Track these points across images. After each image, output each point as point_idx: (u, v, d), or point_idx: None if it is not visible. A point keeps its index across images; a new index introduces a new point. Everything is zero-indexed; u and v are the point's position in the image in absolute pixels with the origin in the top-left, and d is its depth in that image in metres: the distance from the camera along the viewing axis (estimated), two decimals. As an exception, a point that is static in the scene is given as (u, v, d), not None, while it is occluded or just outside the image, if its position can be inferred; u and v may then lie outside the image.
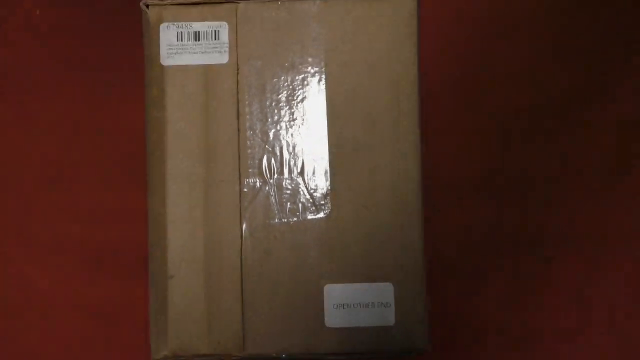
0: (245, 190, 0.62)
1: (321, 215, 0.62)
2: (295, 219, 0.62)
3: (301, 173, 0.62)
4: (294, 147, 0.62)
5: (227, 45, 0.63)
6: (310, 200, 0.62)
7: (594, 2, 0.94)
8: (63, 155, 0.92)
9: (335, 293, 0.62)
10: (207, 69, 0.63)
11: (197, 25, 0.63)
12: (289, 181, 0.62)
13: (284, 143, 0.62)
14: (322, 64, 0.63)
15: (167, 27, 0.63)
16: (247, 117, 0.63)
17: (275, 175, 0.62)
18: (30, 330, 0.90)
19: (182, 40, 0.63)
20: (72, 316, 0.89)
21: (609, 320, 0.89)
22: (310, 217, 0.62)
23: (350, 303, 0.62)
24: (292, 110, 0.63)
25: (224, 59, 0.63)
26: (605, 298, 0.89)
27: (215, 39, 0.63)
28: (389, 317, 0.62)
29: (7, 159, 0.92)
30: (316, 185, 0.62)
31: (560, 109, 0.92)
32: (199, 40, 0.63)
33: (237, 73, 0.63)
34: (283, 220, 0.62)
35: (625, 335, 0.89)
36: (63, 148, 0.92)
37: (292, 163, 0.62)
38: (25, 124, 0.93)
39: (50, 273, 0.90)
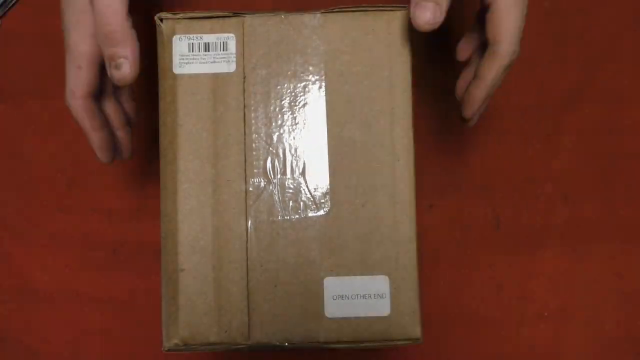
0: (251, 189, 0.64)
1: (321, 212, 0.64)
2: (297, 216, 0.64)
3: (303, 173, 0.64)
4: (296, 149, 0.64)
5: (235, 55, 0.65)
6: (311, 199, 0.64)
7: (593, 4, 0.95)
8: (84, 157, 0.93)
9: (334, 285, 0.64)
10: (216, 77, 0.65)
11: (207, 37, 0.65)
12: (291, 181, 0.64)
13: (286, 145, 0.65)
14: (322, 72, 0.65)
15: (179, 39, 0.65)
16: (253, 121, 0.65)
17: (279, 176, 0.64)
18: (49, 321, 0.91)
19: (193, 50, 0.65)
20: (88, 307, 0.91)
21: (589, 308, 0.91)
22: (311, 214, 0.64)
23: (348, 295, 0.64)
24: (295, 115, 0.65)
25: (231, 68, 0.65)
26: (585, 288, 0.91)
27: (223, 50, 0.65)
28: (385, 308, 0.64)
29: (32, 160, 0.94)
30: (317, 185, 0.64)
31: (560, 109, 0.93)
32: (208, 50, 0.65)
33: (244, 81, 0.65)
34: (286, 217, 0.64)
35: (601, 320, 0.91)
36: (85, 151, 0.90)
37: (294, 164, 0.64)
38: (50, 129, 0.94)
39: (70, 267, 0.92)
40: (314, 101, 0.65)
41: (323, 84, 0.65)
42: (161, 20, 0.66)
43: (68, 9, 0.68)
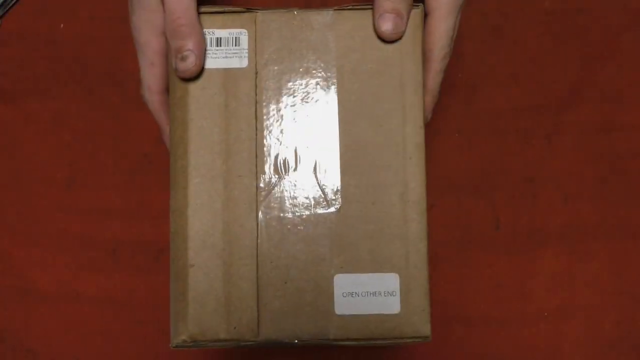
0: (262, 185, 0.64)
1: (332, 210, 0.64)
2: (308, 212, 0.64)
3: (314, 170, 0.64)
4: (307, 146, 0.64)
5: (247, 51, 0.65)
6: (322, 196, 0.64)
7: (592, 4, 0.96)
8: (84, 157, 0.93)
9: (344, 282, 0.63)
10: (227, 73, 0.65)
11: (220, 32, 0.65)
12: (302, 178, 0.64)
13: (298, 142, 0.65)
14: (334, 70, 0.65)
15: None
16: (265, 117, 0.65)
17: (290, 172, 0.64)
18: (49, 321, 0.91)
19: (205, 45, 0.66)
20: (88, 307, 0.91)
21: (589, 307, 0.91)
22: (321, 211, 0.64)
23: (358, 292, 0.63)
24: (306, 112, 0.65)
25: (243, 63, 0.65)
26: (585, 288, 0.91)
27: (235, 45, 0.65)
28: (394, 306, 0.64)
29: (32, 160, 0.93)
30: (327, 182, 0.64)
31: (560, 109, 0.94)
32: (220, 45, 0.65)
33: (256, 77, 0.65)
34: (296, 214, 0.64)
35: (601, 320, 0.91)
36: (85, 151, 0.93)
37: (305, 161, 0.64)
38: (49, 127, 0.94)
39: (70, 267, 0.91)
40: (326, 98, 0.65)
41: (335, 81, 0.65)
42: None
43: (138, 8, 0.69)
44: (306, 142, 0.65)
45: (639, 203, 0.92)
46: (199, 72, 0.65)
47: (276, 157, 0.64)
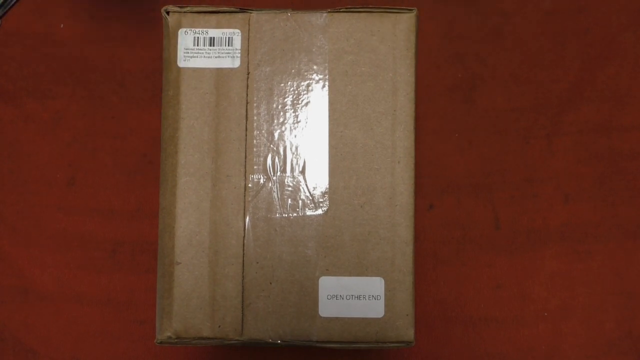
0: (250, 185, 0.64)
1: (319, 212, 0.64)
2: (295, 214, 0.64)
3: (302, 172, 0.64)
4: (296, 148, 0.65)
5: (240, 51, 0.66)
6: (310, 198, 0.64)
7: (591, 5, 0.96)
8: (84, 157, 0.93)
9: (329, 285, 0.64)
10: (220, 72, 0.66)
11: (213, 32, 0.66)
12: (291, 179, 0.64)
13: (287, 143, 0.65)
14: (326, 72, 0.65)
15: (185, 32, 0.66)
16: (255, 117, 0.65)
17: (279, 173, 0.64)
18: (49, 321, 0.91)
19: (198, 45, 0.66)
20: (88, 307, 0.90)
21: (589, 307, 0.90)
22: (309, 213, 0.64)
23: (343, 295, 0.64)
24: (297, 114, 0.65)
25: (236, 63, 0.66)
26: (585, 288, 0.90)
27: (228, 45, 0.66)
28: (379, 310, 0.64)
29: (32, 160, 0.93)
30: (316, 184, 0.64)
31: (559, 109, 0.93)
32: (213, 45, 0.66)
33: (248, 77, 0.65)
34: (284, 215, 0.64)
35: (601, 319, 0.90)
36: (85, 151, 0.93)
37: (294, 162, 0.64)
38: (49, 127, 0.94)
39: (70, 267, 0.91)
40: (317, 100, 0.65)
41: (326, 83, 0.66)
42: (167, 13, 0.67)
43: None
44: (296, 143, 0.65)
45: (638, 203, 0.91)
46: None
47: (265, 157, 0.65)
